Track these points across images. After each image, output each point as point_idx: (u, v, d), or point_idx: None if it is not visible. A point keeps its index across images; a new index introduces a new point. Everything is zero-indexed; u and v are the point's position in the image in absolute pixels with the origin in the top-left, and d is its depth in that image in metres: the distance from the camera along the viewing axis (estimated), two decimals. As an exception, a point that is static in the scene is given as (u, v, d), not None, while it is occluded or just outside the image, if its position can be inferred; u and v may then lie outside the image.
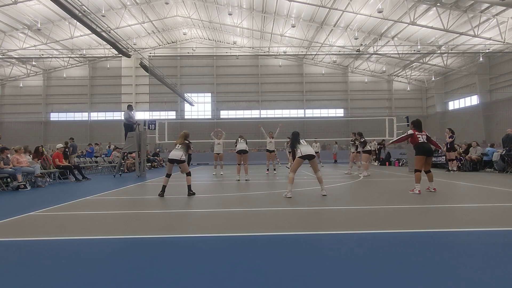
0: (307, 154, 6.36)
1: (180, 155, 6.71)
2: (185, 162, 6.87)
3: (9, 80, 36.91)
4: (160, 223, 4.42)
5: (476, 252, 2.95)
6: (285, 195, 6.29)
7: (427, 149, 6.66)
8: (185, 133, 7.17)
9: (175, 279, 2.36)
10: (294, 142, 6.62)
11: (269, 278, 2.35)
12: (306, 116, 37.91)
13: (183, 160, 6.74)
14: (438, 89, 35.78)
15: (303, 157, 6.36)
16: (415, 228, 3.83)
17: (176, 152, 6.75)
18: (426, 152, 6.63)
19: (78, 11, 19.12)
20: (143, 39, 35.29)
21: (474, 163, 13.51)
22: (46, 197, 7.38)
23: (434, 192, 6.53)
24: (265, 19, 29.04)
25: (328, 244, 3.25)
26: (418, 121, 6.99)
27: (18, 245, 3.42)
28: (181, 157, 6.70)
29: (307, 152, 6.39)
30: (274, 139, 13.32)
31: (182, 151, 6.77)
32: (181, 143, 6.89)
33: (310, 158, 6.41)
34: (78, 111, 38.49)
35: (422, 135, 6.76)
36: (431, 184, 6.69)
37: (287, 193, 6.27)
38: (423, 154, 6.64)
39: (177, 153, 6.72)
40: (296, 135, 6.70)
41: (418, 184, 6.49)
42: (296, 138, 6.64)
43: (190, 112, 38.62)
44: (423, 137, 6.72)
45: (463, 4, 21.41)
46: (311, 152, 6.44)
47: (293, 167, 6.49)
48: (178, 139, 7.03)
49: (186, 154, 6.91)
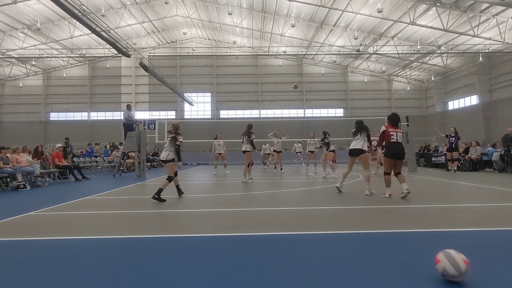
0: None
1: (166, 155, 6.31)
2: (171, 162, 6.33)
3: (9, 80, 36.88)
4: (160, 223, 4.42)
5: (476, 252, 2.95)
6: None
7: (397, 152, 6.02)
8: (174, 125, 6.48)
9: (175, 279, 2.36)
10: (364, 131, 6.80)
11: (269, 278, 2.35)
12: (306, 116, 37.91)
13: (168, 160, 6.30)
14: (437, 89, 35.79)
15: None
16: (415, 228, 3.83)
17: (164, 152, 6.40)
18: (395, 154, 6.03)
19: (78, 11, 19.10)
20: (143, 39, 35.26)
21: (473, 163, 13.52)
22: (45, 197, 7.37)
23: (409, 192, 5.78)
24: (265, 18, 29.03)
25: (328, 244, 3.25)
26: (394, 115, 6.25)
27: (17, 245, 3.42)
28: (167, 157, 6.30)
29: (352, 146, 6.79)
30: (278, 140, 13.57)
31: (168, 150, 6.32)
32: (169, 138, 6.40)
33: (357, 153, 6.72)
34: (77, 111, 38.45)
35: (397, 132, 6.03)
36: (403, 186, 5.83)
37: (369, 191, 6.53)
38: (392, 157, 6.07)
39: (163, 153, 6.38)
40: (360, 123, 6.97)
41: (388, 188, 6.11)
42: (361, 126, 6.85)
43: (190, 112, 38.60)
44: (397, 135, 6.01)
45: (463, 4, 21.41)
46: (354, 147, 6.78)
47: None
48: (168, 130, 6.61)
49: (174, 152, 6.34)
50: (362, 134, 6.74)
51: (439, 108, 35.86)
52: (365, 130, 6.77)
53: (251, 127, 10.13)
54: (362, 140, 6.71)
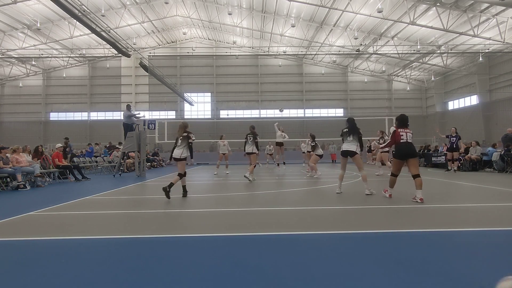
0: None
1: (180, 153, 6.61)
2: (185, 160, 6.69)
3: (9, 80, 36.85)
4: (160, 223, 4.42)
5: (476, 252, 2.95)
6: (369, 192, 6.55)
7: (406, 152, 5.82)
8: (184, 123, 6.91)
9: (175, 279, 2.36)
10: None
11: (269, 278, 2.35)
12: (306, 116, 37.89)
13: (182, 158, 6.63)
14: (437, 89, 35.78)
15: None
16: (415, 228, 3.83)
17: (177, 150, 6.66)
18: (403, 155, 5.84)
19: (78, 11, 19.09)
20: (143, 39, 35.25)
21: (473, 163, 13.52)
22: (45, 197, 7.37)
23: (421, 202, 5.38)
24: (265, 18, 29.02)
25: (328, 244, 3.25)
26: (403, 116, 6.11)
27: (17, 245, 3.42)
28: (181, 155, 6.60)
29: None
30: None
31: (182, 149, 6.64)
32: (182, 137, 6.72)
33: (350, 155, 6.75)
34: (77, 111, 38.42)
35: (406, 133, 5.89)
36: (418, 193, 5.54)
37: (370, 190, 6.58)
38: (399, 158, 5.94)
39: (177, 152, 6.64)
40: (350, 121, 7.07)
41: (390, 189, 6.07)
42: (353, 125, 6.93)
43: (190, 112, 38.58)
44: (407, 135, 5.87)
45: (462, 4, 21.39)
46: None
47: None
48: (178, 131, 6.86)
49: (187, 149, 6.70)
50: (354, 137, 6.75)
51: (439, 108, 35.84)
52: (357, 133, 6.79)
53: (254, 128, 10.22)
54: (355, 143, 6.73)
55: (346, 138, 6.84)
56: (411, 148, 5.85)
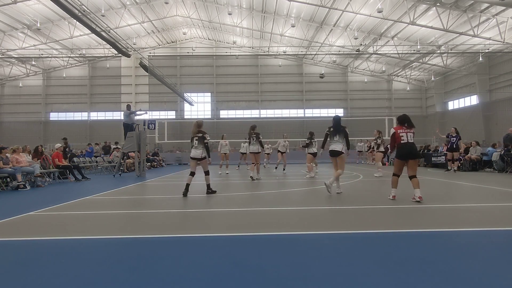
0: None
1: (200, 153, 6.77)
2: (206, 159, 6.86)
3: (9, 80, 36.84)
4: (160, 223, 4.42)
5: (476, 252, 2.95)
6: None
7: (407, 152, 5.75)
8: (198, 122, 7.05)
9: (175, 279, 2.36)
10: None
11: (269, 278, 2.35)
12: (306, 116, 37.89)
13: (203, 157, 6.80)
14: (437, 89, 35.77)
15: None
16: (415, 228, 3.83)
17: (196, 151, 6.81)
18: (406, 155, 5.76)
19: (78, 11, 19.09)
20: (143, 39, 35.24)
21: (473, 163, 13.52)
22: (45, 197, 7.37)
23: (420, 201, 5.44)
24: (265, 18, 29.01)
25: (328, 244, 3.25)
26: (403, 116, 6.03)
27: (17, 245, 3.42)
28: (201, 155, 6.77)
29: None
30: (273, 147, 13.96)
31: (201, 149, 6.80)
32: (197, 137, 6.84)
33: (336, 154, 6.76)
34: (77, 111, 38.42)
35: (407, 133, 5.79)
36: (416, 192, 5.57)
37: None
38: (401, 158, 5.86)
39: (196, 152, 6.79)
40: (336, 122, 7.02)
41: (393, 189, 5.93)
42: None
43: (190, 112, 38.58)
44: (407, 135, 5.78)
45: (462, 4, 21.39)
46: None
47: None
48: (192, 129, 6.99)
49: (204, 149, 6.83)
50: (341, 137, 6.76)
51: (439, 108, 35.84)
52: (343, 133, 6.79)
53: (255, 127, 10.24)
54: (341, 143, 6.75)
55: (332, 138, 6.85)
56: (412, 148, 5.77)
